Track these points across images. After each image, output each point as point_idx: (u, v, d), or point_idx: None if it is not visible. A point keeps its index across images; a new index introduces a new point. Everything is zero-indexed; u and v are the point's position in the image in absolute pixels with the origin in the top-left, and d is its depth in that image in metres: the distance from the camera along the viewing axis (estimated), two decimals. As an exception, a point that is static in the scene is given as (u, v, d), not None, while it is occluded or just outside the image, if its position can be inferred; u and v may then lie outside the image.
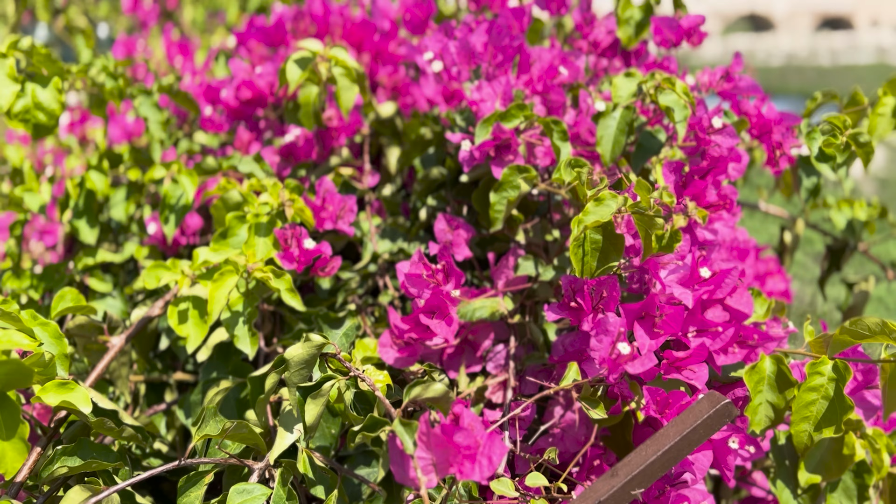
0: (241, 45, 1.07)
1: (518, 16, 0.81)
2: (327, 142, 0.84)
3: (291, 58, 0.74)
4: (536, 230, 0.71)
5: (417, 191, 0.79)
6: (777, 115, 0.69)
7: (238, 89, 0.84)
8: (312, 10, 0.95)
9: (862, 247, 0.99)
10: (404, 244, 0.79)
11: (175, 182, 0.76)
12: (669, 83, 0.64)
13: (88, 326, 0.67)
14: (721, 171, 0.63)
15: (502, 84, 0.70)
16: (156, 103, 0.88)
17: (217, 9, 2.34)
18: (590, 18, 0.80)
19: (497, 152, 0.66)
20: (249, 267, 0.60)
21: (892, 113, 0.86)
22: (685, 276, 0.60)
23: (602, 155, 0.68)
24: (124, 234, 0.95)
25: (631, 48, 0.82)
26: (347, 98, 0.77)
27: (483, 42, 0.73)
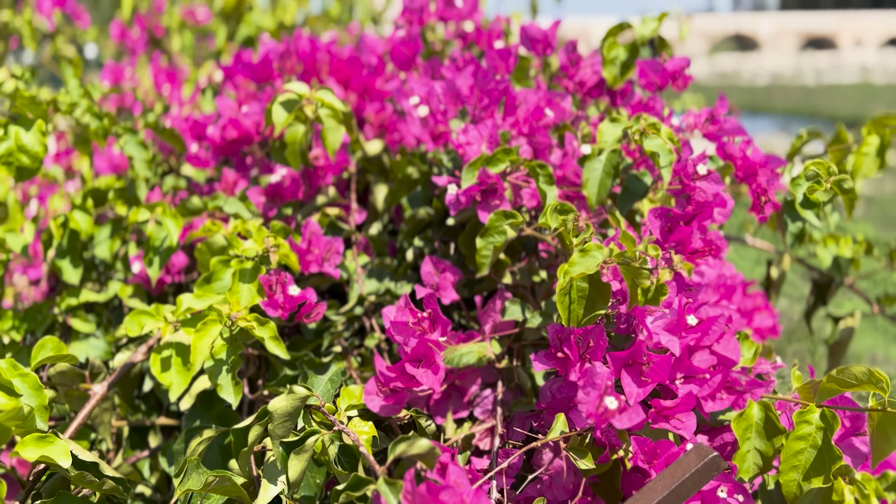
0: (228, 80, 1.07)
1: (504, 57, 0.81)
2: (314, 181, 0.84)
3: (277, 100, 0.73)
4: (523, 272, 0.71)
5: (404, 231, 0.79)
6: (762, 158, 0.69)
7: (224, 129, 0.84)
8: (299, 47, 0.95)
9: (848, 281, 1.00)
10: (391, 284, 0.78)
11: (159, 224, 0.75)
12: (654, 129, 0.64)
13: (70, 374, 0.66)
14: (707, 217, 0.63)
15: (488, 127, 0.70)
16: (141, 141, 0.87)
17: (206, 31, 2.34)
18: (575, 60, 0.80)
19: (483, 196, 0.66)
20: (233, 316, 0.60)
21: (876, 152, 0.87)
22: (672, 322, 0.60)
23: (588, 197, 0.68)
24: (108, 272, 0.94)
25: (617, 88, 0.82)
26: (334, 139, 0.76)
27: (469, 85, 0.73)
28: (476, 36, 1.00)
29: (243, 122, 0.84)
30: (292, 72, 0.95)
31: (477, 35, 1.00)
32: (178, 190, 0.97)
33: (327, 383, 0.66)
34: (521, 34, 0.84)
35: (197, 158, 0.95)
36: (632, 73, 0.82)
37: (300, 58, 0.97)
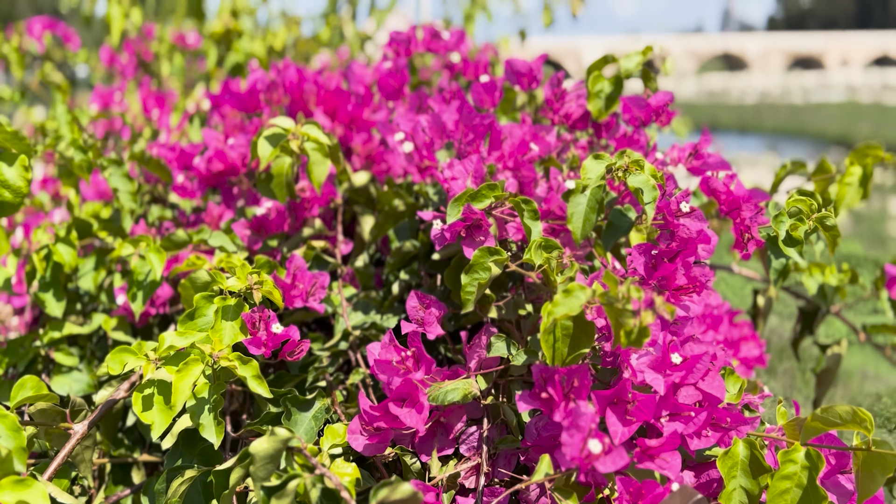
0: (215, 109, 1.07)
1: (489, 90, 0.81)
2: (300, 212, 0.83)
3: (263, 134, 0.73)
4: (509, 306, 0.70)
5: (391, 263, 0.78)
6: (745, 193, 0.70)
7: (209, 161, 0.84)
8: (286, 80, 0.95)
9: (834, 309, 1.00)
10: (377, 317, 0.78)
11: (143, 258, 0.75)
12: (637, 166, 0.64)
13: (50, 412, 0.65)
14: (691, 253, 0.63)
15: (473, 162, 0.70)
16: (126, 173, 0.87)
17: (197, 53, 2.35)
18: (560, 94, 0.81)
19: (468, 232, 0.66)
20: (215, 355, 0.59)
21: (858, 182, 0.88)
22: (657, 360, 0.60)
23: (573, 232, 0.68)
24: (92, 303, 0.94)
25: (602, 121, 0.83)
26: (320, 172, 0.76)
27: (454, 120, 0.73)
28: (463, 66, 1.01)
29: (229, 155, 0.84)
30: (279, 103, 0.95)
31: (464, 66, 1.01)
32: (163, 220, 0.96)
33: (311, 420, 0.66)
34: (506, 68, 0.84)
35: (183, 189, 0.94)
36: (616, 107, 0.82)
37: (287, 89, 0.97)
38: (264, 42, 2.04)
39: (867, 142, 0.86)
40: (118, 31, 1.54)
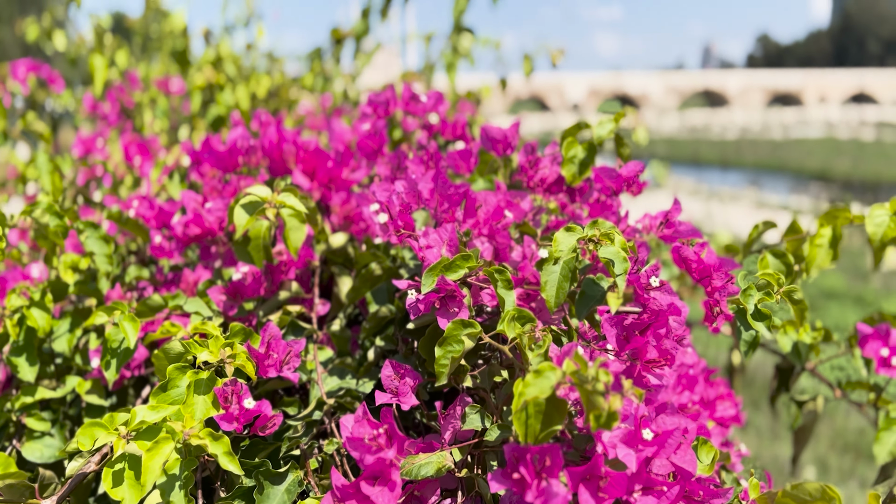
0: (195, 166, 1.07)
1: (465, 157, 0.83)
2: (276, 276, 0.84)
3: (240, 202, 0.74)
4: (484, 375, 0.71)
5: (366, 328, 0.79)
6: (716, 261, 0.71)
7: (186, 226, 0.84)
8: (265, 142, 0.96)
9: (809, 366, 1.01)
10: (352, 382, 0.78)
11: (117, 326, 0.74)
12: (608, 238, 0.65)
13: (19, 487, 0.64)
14: (662, 325, 0.64)
15: (448, 231, 0.71)
16: (103, 236, 0.87)
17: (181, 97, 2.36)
18: (534, 161, 0.82)
19: (442, 303, 0.66)
20: (186, 433, 0.59)
21: (829, 244, 0.89)
22: (629, 434, 0.60)
23: (547, 300, 0.69)
24: (66, 364, 0.93)
25: (576, 186, 0.84)
26: (296, 238, 0.77)
27: (430, 189, 0.74)
28: (441, 127, 1.03)
29: (206, 219, 0.84)
30: (258, 165, 0.96)
31: (442, 126, 1.03)
32: (140, 280, 0.96)
33: (284, 494, 0.65)
34: (481, 134, 0.86)
35: (161, 249, 0.94)
36: (590, 172, 0.84)
37: (267, 150, 0.98)
38: (247, 88, 2.06)
39: (835, 204, 0.88)
40: (101, 81, 1.55)
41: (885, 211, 0.85)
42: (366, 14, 2.66)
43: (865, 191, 20.58)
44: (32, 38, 2.46)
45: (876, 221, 0.84)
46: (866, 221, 0.84)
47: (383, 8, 2.58)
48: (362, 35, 2.67)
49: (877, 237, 0.85)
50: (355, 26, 2.69)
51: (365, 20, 2.66)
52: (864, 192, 20.40)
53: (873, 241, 0.84)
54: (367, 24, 2.66)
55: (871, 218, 0.84)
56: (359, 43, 2.68)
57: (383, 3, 2.56)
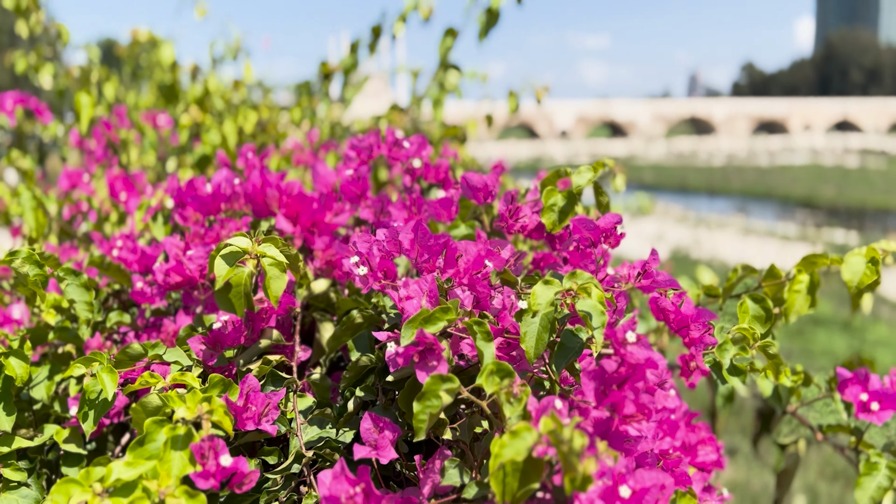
0: (179, 208, 1.08)
1: (446, 206, 0.83)
2: (257, 323, 0.83)
3: (220, 252, 0.74)
4: (463, 428, 0.71)
5: (346, 378, 0.78)
6: (694, 312, 0.72)
7: (167, 274, 0.84)
8: (248, 187, 0.96)
9: (791, 409, 1.02)
10: (332, 431, 0.77)
11: (95, 377, 0.74)
12: (585, 292, 0.66)
13: (-11, 546, 0.64)
14: (640, 378, 0.64)
15: (428, 282, 0.72)
16: (84, 283, 0.87)
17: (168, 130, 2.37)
18: (514, 210, 0.83)
19: (421, 357, 0.66)
20: (162, 492, 0.58)
21: (807, 290, 0.90)
22: (606, 490, 0.60)
23: (527, 351, 0.69)
24: (44, 412, 0.92)
25: (556, 233, 0.85)
26: (277, 288, 0.77)
27: (410, 239, 0.75)
28: (424, 171, 1.03)
29: (187, 267, 0.84)
30: (242, 208, 0.96)
31: (425, 170, 1.03)
32: (121, 325, 0.96)
33: (261, 551, 0.65)
34: (462, 182, 0.87)
35: (142, 294, 0.94)
36: (570, 220, 0.84)
37: (251, 194, 0.98)
38: (234, 123, 2.07)
39: (813, 252, 0.89)
40: (87, 118, 1.55)
41: (861, 258, 0.86)
42: (354, 48, 2.69)
43: (851, 217, 20.82)
44: (21, 70, 2.47)
45: (853, 269, 0.85)
46: (843, 269, 0.86)
47: (371, 43, 2.61)
48: (351, 69, 2.69)
49: (853, 284, 0.86)
50: (343, 60, 2.72)
51: (353, 54, 2.69)
52: (849, 218, 20.63)
53: (850, 288, 0.85)
54: (356, 58, 2.69)
55: (848, 265, 0.86)
56: (347, 76, 2.71)
57: (371, 38, 2.58)
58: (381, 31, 2.58)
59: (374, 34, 2.56)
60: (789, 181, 29.32)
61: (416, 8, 2.28)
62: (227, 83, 2.38)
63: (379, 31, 2.58)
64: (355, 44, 2.68)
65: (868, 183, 27.64)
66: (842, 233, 17.67)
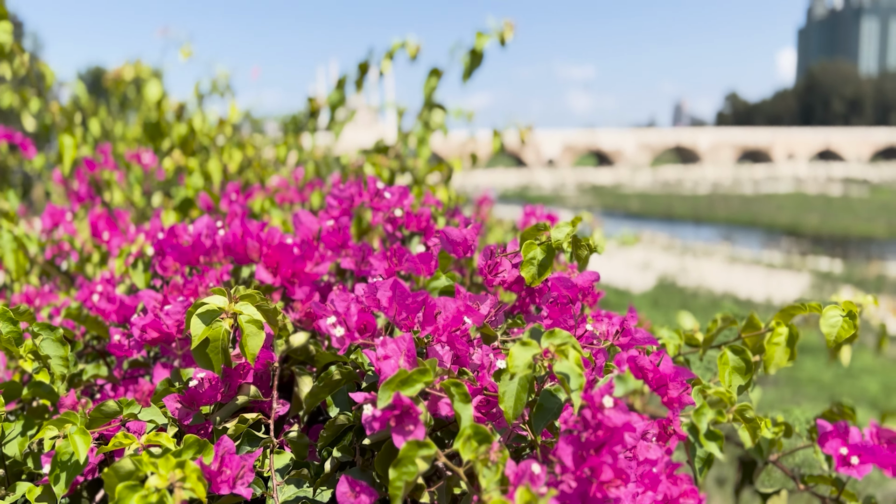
0: (158, 256, 1.07)
1: (425, 261, 0.83)
2: (234, 380, 0.83)
3: (196, 311, 0.73)
4: (441, 492, 0.70)
5: (324, 437, 0.78)
6: (672, 371, 0.71)
7: (144, 329, 0.83)
8: (228, 237, 0.96)
9: (772, 458, 1.01)
10: (309, 491, 0.76)
11: (67, 439, 0.73)
12: (562, 353, 0.66)
13: None
14: (618, 442, 0.64)
15: (406, 341, 0.71)
16: (59, 338, 0.86)
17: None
18: (493, 266, 0.83)
19: (398, 421, 0.66)
20: (130, 566, 0.57)
21: (786, 342, 0.90)
22: (585, 559, 0.59)
23: (505, 412, 0.69)
24: (17, 469, 0.90)
25: (535, 287, 0.85)
26: (254, 345, 0.76)
27: (388, 297, 0.74)
28: (406, 220, 1.04)
29: (164, 323, 0.83)
30: (221, 260, 0.96)
31: (407, 219, 1.04)
32: (98, 377, 0.94)
33: None
34: (441, 237, 0.87)
35: (119, 347, 0.93)
36: (549, 273, 0.85)
37: (231, 244, 0.98)
38: (220, 161, 2.07)
39: (792, 304, 0.89)
40: (69, 160, 1.55)
41: (838, 311, 0.86)
42: (341, 84, 2.71)
43: (835, 245, 21.04)
44: (6, 105, 2.47)
45: (830, 322, 0.86)
46: (821, 322, 0.86)
47: (358, 79, 2.63)
48: (338, 105, 2.71)
49: (832, 337, 0.86)
50: (330, 96, 2.73)
51: (340, 90, 2.70)
52: (833, 246, 20.85)
53: (829, 342, 0.86)
54: (343, 94, 2.71)
55: (826, 319, 0.86)
56: (334, 112, 2.72)
57: (358, 74, 2.60)
58: (368, 67, 2.60)
59: (361, 71, 2.58)
60: (774, 209, 29.68)
61: (404, 46, 2.31)
62: (213, 121, 2.39)
63: (366, 68, 2.60)
64: (342, 80, 2.70)
65: (851, 211, 28.01)
66: (826, 261, 17.84)
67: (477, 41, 2.18)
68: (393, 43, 2.43)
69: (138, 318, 0.88)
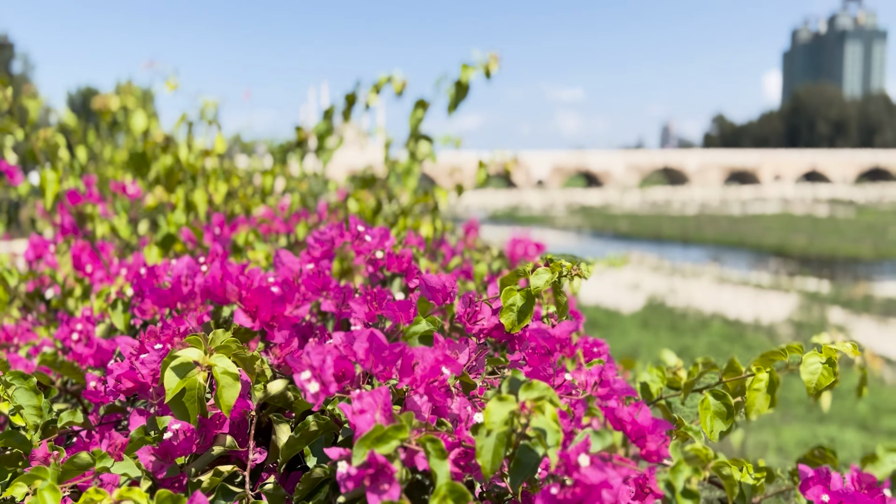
0: (138, 297, 1.06)
1: (404, 309, 0.83)
2: (210, 430, 0.82)
3: (169, 364, 0.73)
4: (418, 548, 0.69)
5: (300, 490, 0.77)
6: (650, 423, 0.71)
7: (119, 380, 0.82)
8: (208, 280, 0.95)
9: (755, 500, 1.01)
10: (286, 547, 0.75)
11: (37, 495, 0.71)
12: (539, 409, 0.65)
13: None
14: (595, 499, 0.63)
15: (382, 394, 0.71)
16: (32, 387, 0.84)
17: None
18: (472, 314, 0.83)
19: (373, 479, 0.65)
20: None
21: (766, 388, 0.90)
22: None
23: (483, 466, 0.68)
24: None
25: (515, 333, 0.85)
26: (229, 396, 0.75)
27: (365, 349, 0.74)
28: (387, 261, 1.03)
29: (140, 372, 0.82)
30: (200, 306, 0.95)
31: (388, 260, 1.03)
32: (73, 424, 0.93)
33: None
34: (420, 283, 0.87)
35: (95, 394, 0.92)
36: (529, 320, 0.84)
37: (210, 288, 0.97)
38: (205, 192, 2.06)
39: (771, 349, 0.89)
40: (52, 195, 1.54)
41: (818, 359, 0.86)
42: (328, 114, 2.71)
43: (822, 265, 21.20)
44: (-9, 133, 2.46)
45: (810, 370, 0.86)
46: (801, 369, 0.86)
47: (345, 110, 2.64)
48: (326, 135, 2.71)
49: (812, 384, 0.86)
50: (317, 126, 2.74)
51: (328, 120, 2.71)
52: (820, 266, 21.00)
53: (809, 390, 0.86)
54: (330, 124, 2.71)
55: (806, 367, 0.86)
56: (322, 142, 2.73)
57: (345, 105, 2.61)
58: (355, 99, 2.61)
59: (348, 102, 2.59)
60: (761, 230, 29.91)
61: (390, 81, 2.32)
62: (201, 149, 2.39)
63: (353, 100, 2.61)
64: (329, 110, 2.71)
65: (838, 232, 28.25)
66: (814, 281, 17.95)
67: (462, 73, 2.20)
68: (380, 77, 2.44)
69: (115, 364, 0.87)
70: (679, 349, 12.02)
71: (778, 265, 21.00)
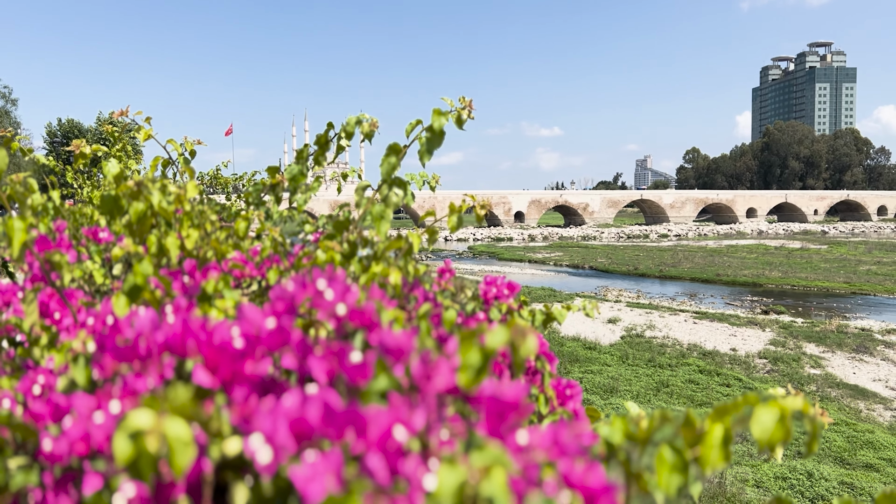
0: (100, 352, 1.06)
1: (361, 370, 0.84)
2: (166, 492, 0.81)
3: (122, 430, 0.72)
4: None
5: (255, 555, 0.76)
6: (601, 486, 0.72)
7: (73, 444, 0.82)
8: (168, 338, 0.95)
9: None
10: None
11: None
12: (489, 478, 0.66)
13: None
14: (544, 566, 0.64)
15: (334, 459, 0.71)
16: (-15, 450, 0.83)
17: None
18: (428, 373, 0.83)
19: (323, 548, 0.65)
20: None
21: (720, 443, 0.92)
22: None
23: (435, 531, 0.68)
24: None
25: (472, 392, 0.85)
26: (182, 461, 0.75)
27: (319, 415, 0.74)
28: (350, 316, 1.04)
29: (94, 436, 0.82)
30: (158, 364, 0.95)
31: (350, 315, 1.04)
32: (28, 484, 0.91)
33: None
34: (378, 345, 0.87)
35: (51, 456, 0.91)
36: (486, 376, 0.85)
37: (171, 343, 0.97)
38: (177, 237, 2.06)
39: (724, 403, 0.91)
40: (18, 244, 1.53)
41: (770, 415, 0.88)
42: (300, 157, 2.73)
43: (797, 298, 21.49)
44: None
45: (762, 426, 0.87)
46: (751, 424, 0.87)
47: (317, 154, 2.66)
48: (299, 179, 2.72)
49: (764, 439, 0.88)
50: (289, 167, 2.75)
51: (301, 163, 2.72)
52: (795, 300, 21.30)
53: (760, 445, 0.87)
54: (304, 166, 2.73)
55: (757, 421, 0.88)
56: (294, 185, 2.74)
57: (316, 150, 2.63)
58: (328, 142, 2.63)
59: (319, 146, 2.61)
60: (737, 263, 30.31)
61: (359, 124, 2.34)
62: (174, 194, 2.38)
63: (325, 142, 2.63)
64: (301, 151, 2.73)
65: (811, 265, 28.71)
66: (789, 315, 18.17)
67: (434, 120, 2.23)
68: (348, 118, 2.47)
69: (70, 426, 0.86)
70: (657, 382, 12.05)
71: (753, 300, 21.25)
